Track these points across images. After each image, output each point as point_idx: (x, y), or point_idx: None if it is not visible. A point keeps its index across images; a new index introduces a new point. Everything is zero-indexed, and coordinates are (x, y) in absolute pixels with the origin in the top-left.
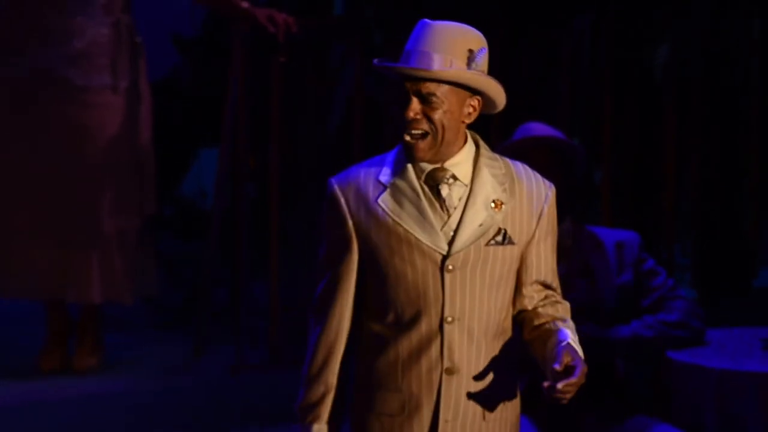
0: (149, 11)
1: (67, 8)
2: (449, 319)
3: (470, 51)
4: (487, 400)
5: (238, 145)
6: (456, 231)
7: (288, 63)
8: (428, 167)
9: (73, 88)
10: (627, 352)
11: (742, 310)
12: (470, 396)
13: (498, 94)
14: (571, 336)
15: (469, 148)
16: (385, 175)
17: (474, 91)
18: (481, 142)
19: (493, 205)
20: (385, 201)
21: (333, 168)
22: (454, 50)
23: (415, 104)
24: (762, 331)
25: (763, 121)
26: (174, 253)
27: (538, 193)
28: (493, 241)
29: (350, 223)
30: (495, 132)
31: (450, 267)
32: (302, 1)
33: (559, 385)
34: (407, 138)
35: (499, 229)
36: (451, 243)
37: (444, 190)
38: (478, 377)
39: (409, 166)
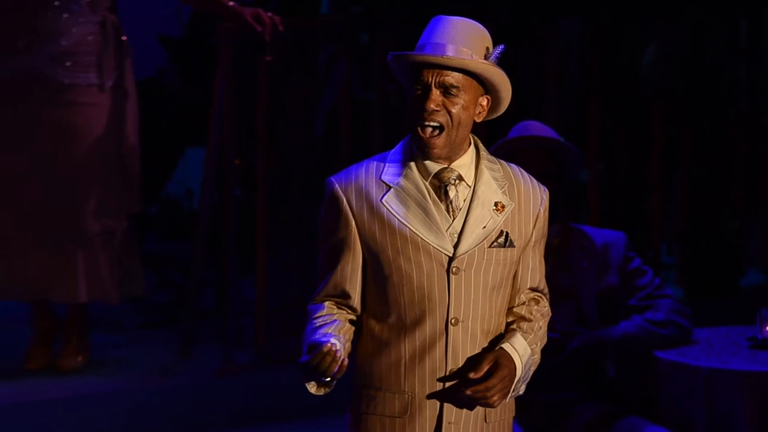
0: (136, 11)
1: (54, 7)
2: (454, 320)
3: (487, 48)
4: None
5: (225, 145)
6: (461, 233)
7: (275, 63)
8: (435, 167)
9: (60, 86)
10: (616, 352)
11: (729, 309)
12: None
13: (508, 94)
14: (515, 339)
15: (472, 150)
16: (388, 175)
17: (486, 90)
18: (480, 144)
19: (495, 207)
20: (389, 201)
21: (320, 168)
22: (474, 45)
23: (436, 95)
24: (749, 330)
25: (750, 121)
26: (160, 253)
27: (534, 196)
28: (495, 243)
29: (353, 223)
30: (481, 131)
31: (455, 269)
32: (289, 1)
33: (468, 391)
34: (424, 135)
35: (501, 232)
36: (456, 245)
37: (452, 191)
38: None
39: (414, 166)
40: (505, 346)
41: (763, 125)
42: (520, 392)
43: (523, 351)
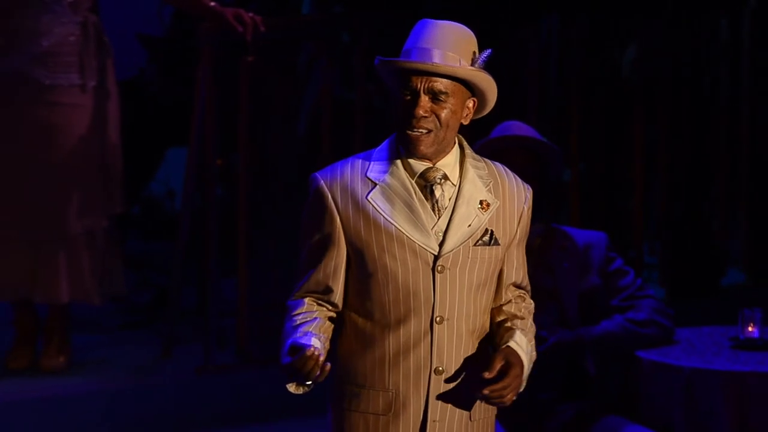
0: (118, 12)
1: (35, 8)
2: (439, 318)
3: (474, 53)
4: (473, 400)
5: (207, 145)
6: (446, 231)
7: (256, 63)
8: (421, 167)
9: (41, 87)
10: (597, 352)
11: (710, 309)
12: (458, 396)
13: (494, 97)
14: (517, 336)
15: (457, 149)
16: (374, 172)
17: (473, 93)
18: (465, 143)
19: (480, 205)
20: (375, 198)
21: (302, 168)
22: (460, 49)
23: (425, 101)
24: (730, 330)
25: (731, 121)
26: (142, 254)
27: (518, 194)
28: (480, 242)
29: (338, 219)
30: (465, 132)
31: (440, 267)
32: (270, 1)
33: (485, 391)
34: (411, 133)
35: (486, 230)
36: (441, 243)
37: (437, 191)
38: (466, 378)
39: (400, 164)
40: (511, 343)
41: (744, 125)
42: (521, 389)
43: (526, 347)
